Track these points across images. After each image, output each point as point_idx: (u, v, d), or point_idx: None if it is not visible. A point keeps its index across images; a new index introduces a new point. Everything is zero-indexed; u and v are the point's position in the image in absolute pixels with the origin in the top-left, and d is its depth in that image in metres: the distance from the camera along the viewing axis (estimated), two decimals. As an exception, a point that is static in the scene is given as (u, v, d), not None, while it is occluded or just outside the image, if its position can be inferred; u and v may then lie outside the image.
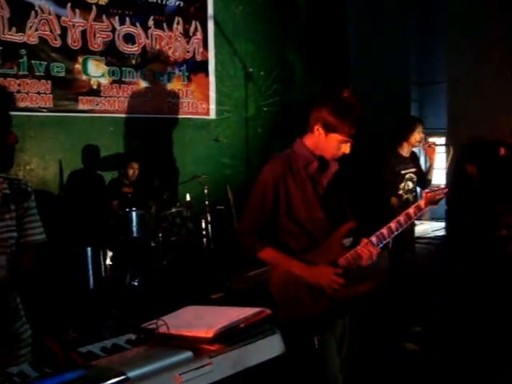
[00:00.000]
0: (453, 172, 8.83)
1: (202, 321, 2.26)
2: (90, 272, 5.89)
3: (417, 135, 5.33)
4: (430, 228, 10.84)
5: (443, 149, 10.25)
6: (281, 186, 2.94)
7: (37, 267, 2.47)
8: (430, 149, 5.38)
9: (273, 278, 3.00)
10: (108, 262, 5.99)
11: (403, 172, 5.38)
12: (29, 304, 2.48)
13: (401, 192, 5.31)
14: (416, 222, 5.41)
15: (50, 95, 6.95)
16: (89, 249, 5.90)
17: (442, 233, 10.16)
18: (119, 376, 1.89)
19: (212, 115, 8.46)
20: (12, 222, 2.36)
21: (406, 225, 3.05)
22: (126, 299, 5.89)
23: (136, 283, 6.09)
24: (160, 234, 6.49)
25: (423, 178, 5.42)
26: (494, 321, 5.89)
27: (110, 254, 6.02)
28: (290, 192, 2.96)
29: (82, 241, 6.02)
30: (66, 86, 7.10)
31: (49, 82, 6.93)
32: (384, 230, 3.02)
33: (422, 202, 3.16)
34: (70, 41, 7.07)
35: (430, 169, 5.40)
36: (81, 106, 7.23)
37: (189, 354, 2.03)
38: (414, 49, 10.66)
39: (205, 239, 6.98)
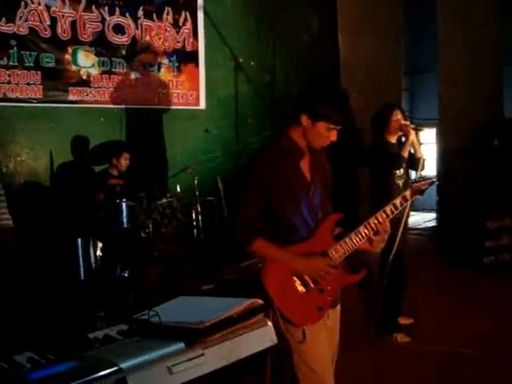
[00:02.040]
0: (443, 162, 8.87)
1: (194, 312, 2.27)
2: (81, 263, 5.88)
3: (394, 123, 5.36)
4: (421, 219, 10.90)
5: (433, 139, 10.31)
6: (272, 178, 2.94)
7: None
8: (405, 128, 5.39)
9: (264, 269, 3.00)
10: (98, 253, 5.98)
11: None
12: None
13: (396, 175, 5.34)
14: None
15: (40, 86, 6.91)
16: (79, 240, 5.89)
17: (433, 223, 10.22)
18: (112, 367, 1.89)
19: (202, 106, 8.44)
20: None
21: (393, 214, 3.06)
22: (116, 290, 5.88)
23: (126, 274, 6.08)
24: (150, 225, 6.48)
25: (412, 159, 5.44)
26: (484, 312, 5.93)
27: (100, 245, 6.01)
28: (280, 184, 2.95)
29: (73, 232, 6.01)
30: (56, 77, 7.06)
31: (38, 72, 6.89)
32: (371, 220, 3.02)
33: (407, 193, 3.17)
34: (59, 31, 7.03)
35: (405, 145, 5.38)
36: (71, 97, 7.19)
37: (181, 345, 2.03)
38: (405, 38, 10.66)
39: (195, 230, 6.98)
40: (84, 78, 7.30)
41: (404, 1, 10.17)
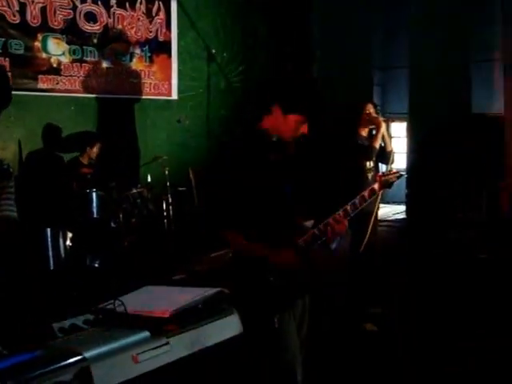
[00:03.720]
0: (413, 156, 8.95)
1: (159, 301, 2.27)
2: (50, 253, 5.82)
3: (365, 116, 5.40)
4: (391, 211, 10.97)
5: (404, 133, 10.39)
6: (244, 169, 2.94)
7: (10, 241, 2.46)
8: (376, 120, 5.44)
9: (233, 259, 3.01)
10: (68, 243, 5.92)
11: None
12: None
13: (367, 166, 5.38)
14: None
15: (9, 73, 6.77)
16: (48, 230, 5.83)
17: (402, 216, 10.28)
18: (75, 356, 1.88)
19: (174, 96, 8.41)
20: None
21: (362, 206, 3.08)
22: (86, 281, 5.84)
23: (96, 265, 6.04)
24: (120, 215, 6.44)
25: (383, 152, 5.48)
26: (452, 302, 6.01)
27: (69, 235, 5.96)
28: (251, 175, 2.95)
29: (42, 222, 5.95)
30: (25, 64, 6.96)
31: (7, 59, 6.79)
32: (341, 212, 3.04)
33: (376, 185, 3.19)
34: (29, 17, 6.92)
35: (376, 137, 5.43)
36: (40, 85, 7.10)
37: (146, 333, 2.03)
38: (378, 34, 10.70)
39: (165, 220, 6.95)
40: (54, 65, 7.21)
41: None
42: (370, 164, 5.39)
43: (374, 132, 5.57)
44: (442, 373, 4.48)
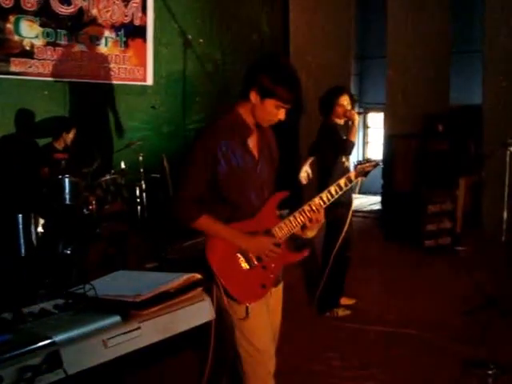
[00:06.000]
0: (389, 147, 8.97)
1: (131, 285, 2.23)
2: (22, 240, 5.74)
3: (339, 108, 5.36)
4: (366, 202, 11.03)
5: (381, 124, 10.42)
6: (219, 153, 2.89)
7: None
8: (350, 114, 5.41)
9: (208, 245, 2.96)
10: (40, 229, 5.84)
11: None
12: None
13: (343, 159, 5.36)
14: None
15: (-20, 55, 6.67)
16: (20, 216, 5.74)
17: (378, 207, 10.34)
18: (45, 340, 1.84)
19: (149, 82, 8.32)
20: None
21: (338, 195, 3.06)
22: (58, 267, 5.77)
23: (68, 251, 5.97)
24: (94, 202, 6.37)
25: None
26: (426, 293, 6.06)
27: (41, 221, 5.88)
28: (227, 160, 2.91)
29: (13, 207, 5.86)
30: (-4, 46, 6.83)
31: (-23, 41, 6.66)
32: (316, 200, 3.02)
33: (352, 174, 3.19)
34: (1, -1, 6.78)
35: (352, 130, 5.40)
36: (13, 68, 6.96)
37: (117, 318, 1.99)
38: (356, 23, 10.71)
39: (139, 207, 6.89)
40: (27, 48, 7.06)
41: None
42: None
43: (350, 123, 5.54)
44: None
